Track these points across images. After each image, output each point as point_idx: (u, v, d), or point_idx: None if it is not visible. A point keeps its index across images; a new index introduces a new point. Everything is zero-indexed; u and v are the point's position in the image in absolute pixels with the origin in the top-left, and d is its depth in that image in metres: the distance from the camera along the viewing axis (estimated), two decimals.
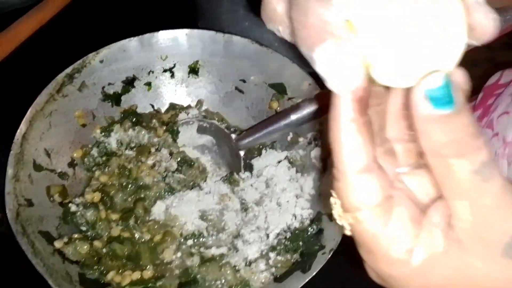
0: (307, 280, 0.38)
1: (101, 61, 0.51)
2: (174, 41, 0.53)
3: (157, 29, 0.53)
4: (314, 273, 0.38)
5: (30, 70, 0.59)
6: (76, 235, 0.43)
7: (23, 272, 0.39)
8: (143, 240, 0.45)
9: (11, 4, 0.66)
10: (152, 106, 0.56)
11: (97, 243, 0.43)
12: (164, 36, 0.53)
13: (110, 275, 0.42)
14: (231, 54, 0.54)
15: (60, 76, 0.48)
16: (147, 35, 0.52)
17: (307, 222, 0.45)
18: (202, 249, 0.44)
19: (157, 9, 0.71)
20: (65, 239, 0.42)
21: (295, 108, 0.47)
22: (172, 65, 0.55)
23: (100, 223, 0.45)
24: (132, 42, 0.52)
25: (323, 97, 0.46)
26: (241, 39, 0.52)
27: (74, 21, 0.67)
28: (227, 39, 0.53)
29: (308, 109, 0.46)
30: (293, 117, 0.46)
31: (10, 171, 0.42)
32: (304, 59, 0.20)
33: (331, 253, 0.39)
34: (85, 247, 0.42)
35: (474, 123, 0.18)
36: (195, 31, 0.53)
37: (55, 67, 0.49)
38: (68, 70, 0.49)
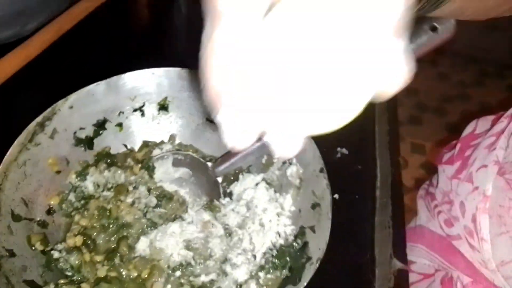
0: None
1: (71, 107, 0.51)
2: (141, 81, 0.55)
3: (123, 70, 0.54)
4: (305, 284, 0.39)
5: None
6: (62, 281, 0.43)
7: None
8: (130, 277, 0.44)
9: None
10: (125, 146, 0.57)
11: (84, 286, 0.42)
12: (131, 77, 0.54)
13: None
14: (198, 87, 0.56)
15: (31, 126, 0.48)
16: (114, 78, 0.54)
17: (291, 238, 0.47)
18: (191, 278, 0.44)
19: (122, 50, 0.75)
20: (52, 286, 0.41)
21: None
22: (142, 104, 0.56)
23: (85, 266, 0.44)
24: (99, 86, 0.53)
25: None
26: None
27: (46, 66, 0.70)
28: (193, 74, 0.55)
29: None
30: (266, 139, 0.48)
31: None
32: None
33: (319, 262, 0.40)
34: None
35: None
36: (161, 69, 0.55)
37: (27, 112, 0.50)
38: (39, 118, 0.49)
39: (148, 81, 0.55)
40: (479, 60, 2.36)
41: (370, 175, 0.59)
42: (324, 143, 0.48)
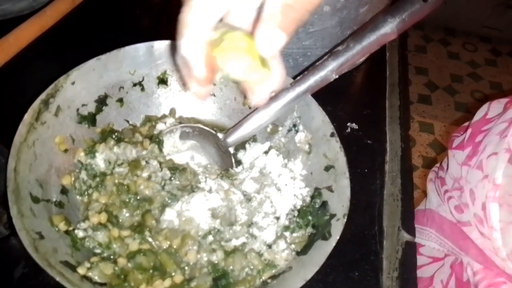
0: (333, 245, 0.42)
1: (73, 83, 0.50)
2: (140, 54, 0.54)
3: (122, 44, 0.53)
4: (337, 237, 0.42)
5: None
6: (94, 259, 0.43)
7: None
8: (162, 248, 0.45)
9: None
10: (127, 122, 0.56)
11: (121, 260, 0.43)
12: (130, 51, 0.53)
13: None
14: None
15: (36, 104, 0.46)
16: (113, 52, 0.52)
17: (308, 199, 0.50)
18: (222, 243, 0.46)
19: (120, 24, 0.75)
20: (87, 264, 0.41)
21: (275, 97, 0.51)
22: (141, 79, 0.56)
23: (115, 242, 0.44)
24: (100, 61, 0.51)
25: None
26: None
27: (61, 36, 0.71)
28: None
29: (287, 97, 0.50)
30: (275, 106, 0.51)
31: (14, 208, 0.40)
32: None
33: (345, 217, 0.44)
34: (110, 267, 0.42)
35: None
36: (160, 42, 0.54)
37: (42, 83, 0.48)
38: (43, 96, 0.47)
39: (147, 55, 0.54)
40: (491, 39, 2.34)
41: (379, 150, 0.61)
42: (334, 118, 0.51)
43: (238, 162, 0.55)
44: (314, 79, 0.49)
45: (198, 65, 0.38)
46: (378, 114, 0.66)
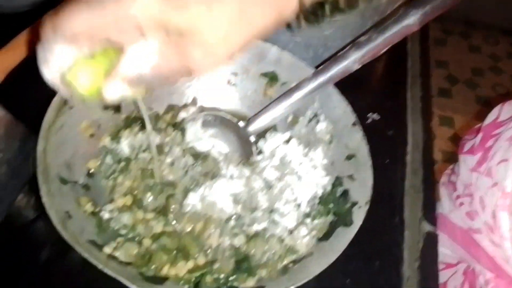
0: (355, 232, 0.42)
1: None
2: None
3: None
4: (360, 224, 0.43)
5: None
6: (119, 239, 0.44)
7: None
8: (186, 231, 0.46)
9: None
10: (151, 109, 0.57)
11: (146, 241, 0.44)
12: None
13: (165, 269, 0.42)
14: None
15: None
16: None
17: (329, 187, 0.50)
18: (244, 228, 0.47)
19: None
20: (113, 244, 0.42)
21: (296, 87, 0.52)
22: None
23: (139, 224, 0.45)
24: None
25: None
26: None
27: None
28: None
29: (309, 87, 0.51)
30: (296, 95, 0.51)
31: (43, 188, 0.41)
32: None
33: (368, 205, 0.44)
34: (135, 248, 0.43)
35: None
36: None
37: None
38: None
39: None
40: None
41: (401, 141, 0.61)
42: (355, 108, 0.51)
43: (259, 151, 0.56)
44: (336, 69, 0.49)
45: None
46: (399, 105, 0.66)
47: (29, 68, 0.55)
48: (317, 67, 0.53)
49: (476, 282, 0.62)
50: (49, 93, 0.47)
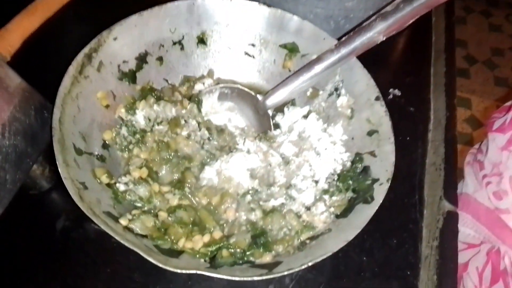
0: (376, 209, 0.41)
1: (115, 39, 0.49)
2: (181, 12, 0.53)
3: (164, 1, 0.52)
4: (380, 201, 0.42)
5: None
6: (135, 212, 0.43)
7: None
8: (202, 204, 0.45)
9: None
10: (166, 81, 0.56)
11: (162, 214, 0.43)
12: (172, 8, 0.52)
13: (181, 243, 0.42)
14: (238, 20, 0.55)
15: (80, 56, 0.46)
16: (155, 9, 0.52)
17: (348, 163, 0.49)
18: (261, 203, 0.46)
19: None
20: (129, 216, 0.42)
21: (317, 60, 0.50)
22: (181, 37, 0.55)
23: (156, 196, 0.45)
24: (142, 17, 0.51)
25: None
26: (248, 3, 0.54)
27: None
28: (233, 4, 0.54)
29: (331, 59, 0.49)
30: (318, 68, 0.49)
31: (59, 158, 0.40)
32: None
33: (389, 182, 0.43)
34: (151, 220, 0.42)
35: None
36: (200, 0, 0.53)
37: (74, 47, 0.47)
38: (86, 50, 0.47)
39: (188, 13, 0.53)
40: None
41: (423, 118, 0.59)
42: (376, 84, 0.49)
43: (276, 126, 0.54)
44: (360, 41, 0.47)
45: None
46: (422, 81, 0.64)
47: (46, 34, 0.55)
48: (338, 39, 0.51)
49: (501, 263, 0.61)
50: (66, 61, 0.46)
